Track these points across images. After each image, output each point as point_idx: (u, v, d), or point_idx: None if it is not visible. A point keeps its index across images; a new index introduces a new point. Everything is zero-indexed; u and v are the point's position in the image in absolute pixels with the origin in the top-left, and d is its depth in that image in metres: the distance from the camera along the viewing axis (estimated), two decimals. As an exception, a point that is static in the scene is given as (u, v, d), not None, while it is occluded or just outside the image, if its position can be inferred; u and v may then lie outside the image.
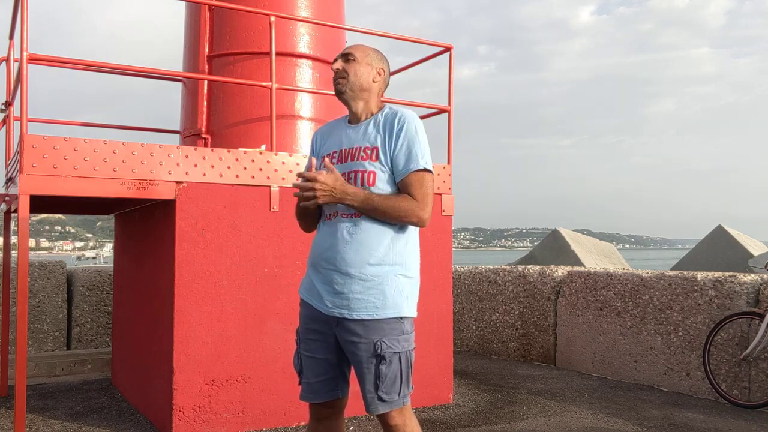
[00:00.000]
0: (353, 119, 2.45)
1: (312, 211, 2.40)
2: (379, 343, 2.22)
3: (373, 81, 2.41)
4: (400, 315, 2.27)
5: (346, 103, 2.43)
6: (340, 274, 2.26)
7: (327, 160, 2.32)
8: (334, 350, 2.34)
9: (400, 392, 2.26)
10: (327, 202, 2.23)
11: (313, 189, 2.21)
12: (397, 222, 2.28)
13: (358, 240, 2.26)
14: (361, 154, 2.32)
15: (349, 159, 2.33)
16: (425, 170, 2.29)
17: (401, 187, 2.30)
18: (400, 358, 2.25)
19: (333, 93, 2.40)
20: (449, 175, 5.05)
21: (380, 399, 2.24)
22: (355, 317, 2.24)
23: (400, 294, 2.27)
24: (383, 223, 2.28)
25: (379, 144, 2.31)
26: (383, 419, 2.29)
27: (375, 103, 2.43)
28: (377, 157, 2.30)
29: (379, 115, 2.39)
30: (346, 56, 2.42)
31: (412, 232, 2.38)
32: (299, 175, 2.29)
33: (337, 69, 2.40)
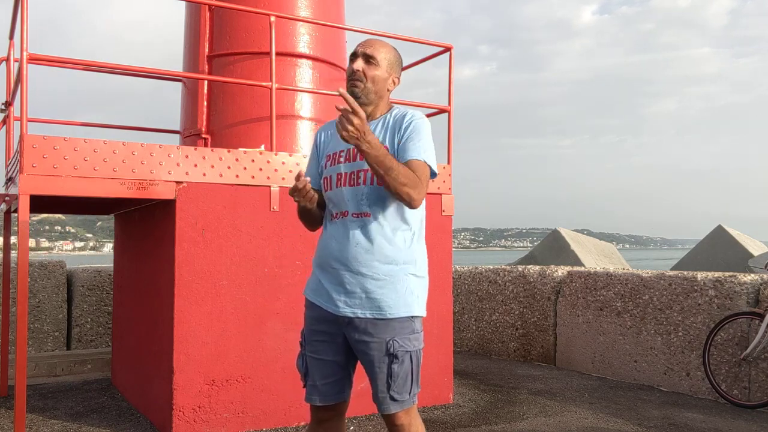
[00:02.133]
0: None
1: (311, 209, 2.37)
2: (391, 342, 2.22)
3: (388, 89, 2.39)
4: (411, 314, 2.26)
5: None
6: (352, 273, 2.24)
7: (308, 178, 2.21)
8: (343, 351, 2.32)
9: (410, 391, 2.26)
10: (348, 140, 2.08)
11: (350, 121, 2.05)
12: (393, 188, 2.14)
13: (369, 239, 2.24)
14: None
15: (357, 158, 2.28)
16: (425, 163, 2.25)
17: None
18: (411, 357, 2.25)
19: (333, 93, 2.34)
20: (449, 175, 5.05)
21: (392, 399, 2.24)
22: (368, 316, 2.23)
23: (411, 293, 2.27)
24: (392, 223, 2.27)
25: (387, 144, 2.28)
26: (389, 419, 2.28)
27: (385, 104, 2.41)
28: None
29: (388, 115, 2.37)
30: (368, 58, 2.33)
31: (420, 231, 2.36)
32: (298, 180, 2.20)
33: (356, 70, 2.32)
